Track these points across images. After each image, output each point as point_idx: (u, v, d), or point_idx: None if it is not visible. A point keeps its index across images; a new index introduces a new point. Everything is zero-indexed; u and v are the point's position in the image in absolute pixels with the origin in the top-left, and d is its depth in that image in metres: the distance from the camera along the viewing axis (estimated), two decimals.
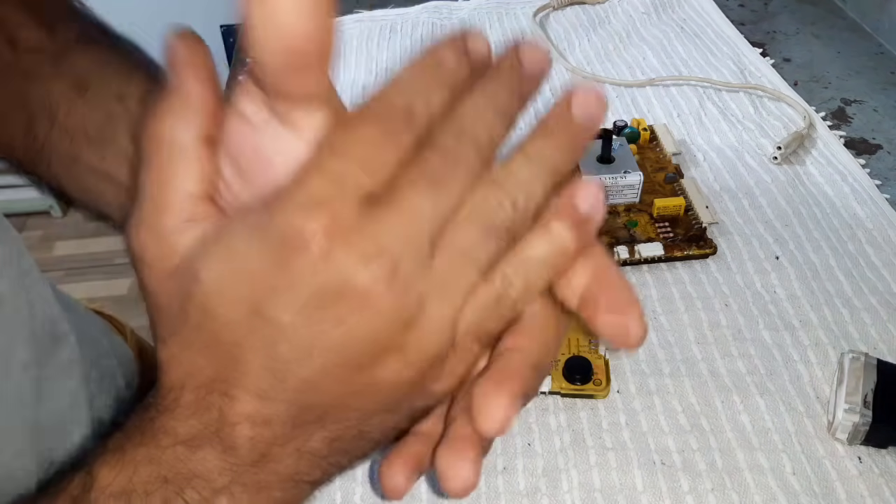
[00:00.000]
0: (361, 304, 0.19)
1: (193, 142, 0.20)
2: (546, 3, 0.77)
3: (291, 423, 0.21)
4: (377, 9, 0.79)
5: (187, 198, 0.20)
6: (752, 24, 0.74)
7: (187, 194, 0.20)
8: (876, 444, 0.36)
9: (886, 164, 0.56)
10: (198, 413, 0.21)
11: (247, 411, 0.20)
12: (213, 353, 0.20)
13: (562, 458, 0.37)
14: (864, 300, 0.44)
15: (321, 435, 0.22)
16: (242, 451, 0.21)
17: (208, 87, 0.20)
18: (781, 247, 0.48)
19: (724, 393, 0.39)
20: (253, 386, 0.20)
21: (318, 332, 0.19)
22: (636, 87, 0.64)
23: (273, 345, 0.19)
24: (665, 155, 0.54)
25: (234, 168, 0.20)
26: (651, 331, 0.43)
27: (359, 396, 0.21)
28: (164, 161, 0.20)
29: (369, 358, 0.20)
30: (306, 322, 0.19)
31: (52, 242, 1.78)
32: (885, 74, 0.66)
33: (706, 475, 0.36)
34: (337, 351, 0.19)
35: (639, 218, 0.49)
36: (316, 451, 0.22)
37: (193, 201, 0.20)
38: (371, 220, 0.18)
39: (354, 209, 0.18)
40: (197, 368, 0.21)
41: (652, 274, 0.47)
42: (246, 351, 0.20)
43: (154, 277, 0.21)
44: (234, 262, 0.19)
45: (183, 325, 0.20)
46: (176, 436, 0.21)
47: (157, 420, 0.21)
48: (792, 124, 0.58)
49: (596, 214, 0.21)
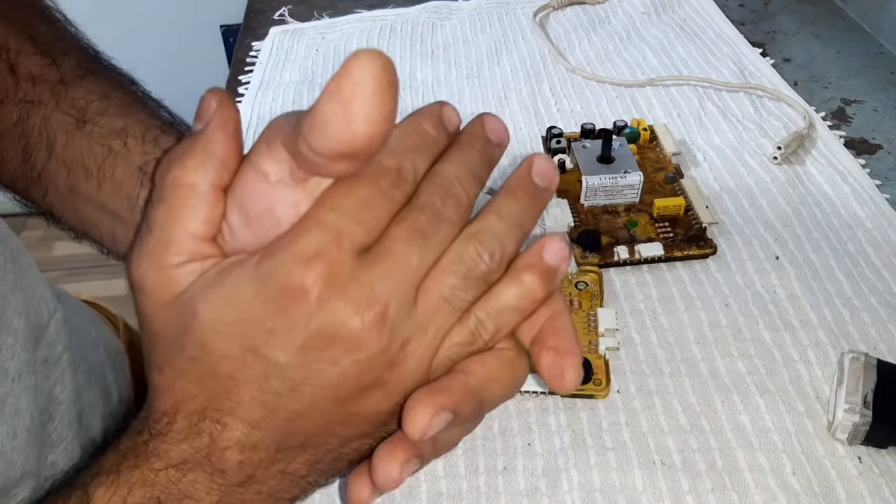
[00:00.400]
0: (354, 347, 0.21)
1: (208, 189, 0.22)
2: (546, 3, 0.77)
3: (276, 447, 0.23)
4: (377, 9, 0.79)
5: (191, 238, 0.22)
6: (752, 24, 0.74)
7: (192, 235, 0.22)
8: (876, 444, 0.36)
9: (886, 164, 0.56)
10: (189, 438, 0.22)
11: (236, 437, 0.22)
12: (207, 384, 0.22)
13: (562, 458, 0.37)
14: (864, 300, 0.44)
15: (303, 458, 0.24)
16: (230, 474, 0.23)
17: (233, 144, 0.22)
18: (781, 247, 0.48)
19: (724, 393, 0.39)
20: (244, 415, 0.22)
21: (312, 371, 0.21)
22: (636, 87, 0.64)
23: (266, 380, 0.21)
24: (665, 155, 0.54)
25: (242, 215, 0.22)
26: (651, 331, 0.43)
27: (342, 425, 0.23)
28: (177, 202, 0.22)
29: (356, 392, 0.22)
30: (302, 362, 0.21)
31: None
32: (885, 74, 0.66)
33: (706, 475, 0.36)
34: (329, 387, 0.21)
35: (639, 218, 0.49)
36: (297, 472, 0.24)
37: (197, 242, 0.22)
38: (364, 270, 0.21)
39: (349, 259, 0.20)
40: (190, 396, 0.22)
41: (652, 274, 0.47)
42: (240, 384, 0.21)
43: (152, 305, 0.22)
44: (234, 303, 0.21)
45: (179, 355, 0.22)
46: (168, 459, 0.22)
47: (151, 443, 0.22)
48: (792, 124, 0.58)
49: (562, 265, 0.23)
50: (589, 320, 0.43)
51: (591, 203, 0.51)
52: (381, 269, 0.21)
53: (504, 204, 0.23)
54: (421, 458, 0.24)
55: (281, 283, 0.20)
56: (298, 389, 0.21)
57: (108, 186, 0.31)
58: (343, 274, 0.20)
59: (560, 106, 0.63)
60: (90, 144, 0.32)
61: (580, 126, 0.56)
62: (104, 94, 0.33)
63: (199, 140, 0.22)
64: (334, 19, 0.78)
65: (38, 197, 0.34)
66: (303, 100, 0.67)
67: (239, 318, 0.21)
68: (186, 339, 0.21)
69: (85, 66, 0.34)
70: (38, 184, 0.33)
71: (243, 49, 0.75)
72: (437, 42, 0.74)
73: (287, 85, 0.69)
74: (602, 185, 0.50)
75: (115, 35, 0.98)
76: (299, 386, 0.21)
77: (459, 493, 0.36)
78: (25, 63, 0.33)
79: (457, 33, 0.75)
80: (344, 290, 0.20)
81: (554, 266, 0.23)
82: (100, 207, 0.32)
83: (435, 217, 0.22)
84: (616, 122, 0.56)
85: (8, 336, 0.34)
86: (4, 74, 0.32)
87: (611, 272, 0.47)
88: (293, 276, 0.20)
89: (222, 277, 0.21)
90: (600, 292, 0.45)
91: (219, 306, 0.21)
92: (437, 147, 0.23)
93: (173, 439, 0.22)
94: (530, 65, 0.69)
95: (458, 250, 0.22)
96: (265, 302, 0.20)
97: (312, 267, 0.20)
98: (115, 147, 0.32)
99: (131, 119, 0.32)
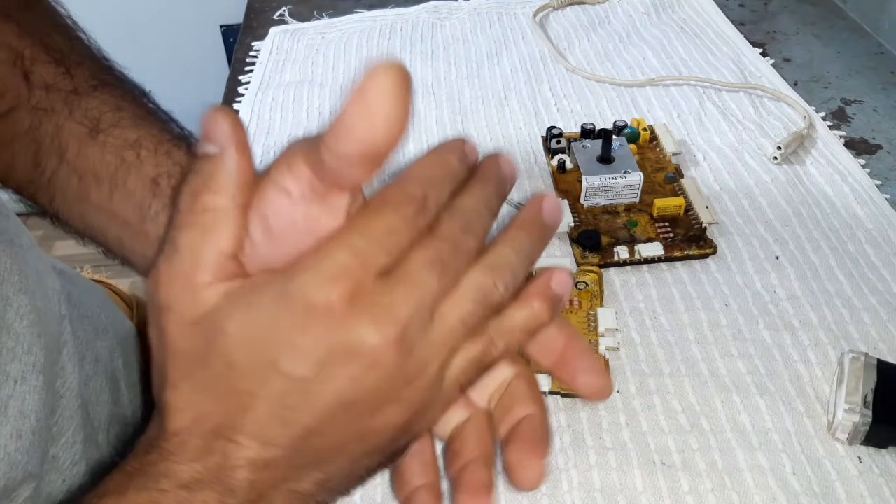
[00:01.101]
0: (373, 363, 0.22)
1: (233, 209, 0.23)
2: (546, 3, 0.77)
3: (288, 465, 0.23)
4: (377, 9, 0.79)
5: (220, 257, 0.23)
6: (752, 24, 0.74)
7: (221, 254, 0.23)
8: (876, 444, 0.36)
9: (886, 164, 0.56)
10: (202, 457, 0.23)
11: (249, 456, 0.23)
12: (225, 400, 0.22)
13: (562, 458, 0.37)
14: (864, 300, 0.44)
15: (314, 477, 0.24)
16: (241, 494, 0.23)
17: (250, 164, 0.23)
18: (781, 247, 0.48)
19: (724, 393, 0.39)
20: (259, 432, 0.22)
21: (331, 387, 0.22)
22: (636, 87, 0.64)
23: (284, 395, 0.22)
24: (665, 155, 0.54)
25: (265, 232, 0.23)
26: (651, 331, 0.43)
27: (355, 441, 0.24)
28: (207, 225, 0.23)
29: (372, 408, 0.23)
30: (321, 377, 0.22)
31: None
32: (885, 74, 0.66)
33: (706, 475, 0.36)
34: (345, 403, 0.22)
35: (639, 218, 0.49)
36: (306, 491, 0.24)
37: (225, 260, 0.23)
38: (386, 292, 0.22)
39: (371, 280, 0.22)
40: (206, 414, 0.23)
41: (652, 274, 0.47)
42: (258, 399, 0.22)
43: (176, 324, 0.23)
44: (260, 319, 0.22)
45: (201, 371, 0.23)
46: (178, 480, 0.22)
47: (160, 464, 0.23)
48: (792, 124, 0.58)
49: (565, 294, 0.26)
50: (589, 320, 0.43)
51: (591, 203, 0.51)
52: (402, 292, 0.22)
53: (518, 238, 0.25)
54: None
55: (307, 300, 0.21)
56: (315, 404, 0.22)
57: (119, 196, 0.32)
58: (366, 294, 0.21)
59: (560, 106, 0.63)
60: (103, 154, 0.33)
61: (580, 126, 0.56)
62: (117, 106, 0.34)
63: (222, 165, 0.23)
64: (334, 19, 0.78)
65: (45, 202, 0.35)
66: (303, 100, 0.67)
67: (264, 334, 0.22)
68: (213, 354, 0.22)
69: (98, 77, 0.34)
70: (46, 189, 0.34)
71: (243, 49, 0.75)
72: (437, 42, 0.74)
73: (287, 85, 0.69)
74: (602, 185, 0.50)
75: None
76: (316, 401, 0.22)
77: None
78: (40, 71, 0.33)
79: (457, 33, 0.75)
80: (367, 310, 0.21)
81: (559, 295, 0.26)
82: (110, 215, 0.33)
83: (455, 247, 0.23)
84: (616, 122, 0.56)
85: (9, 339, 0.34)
86: (18, 81, 0.33)
87: (611, 272, 0.47)
88: (319, 294, 0.21)
89: (249, 295, 0.22)
90: (600, 292, 0.45)
91: (246, 323, 0.22)
92: (458, 179, 0.25)
93: (185, 458, 0.23)
94: (530, 65, 0.69)
95: (477, 280, 0.24)
96: (290, 318, 0.21)
97: (337, 286, 0.21)
98: (128, 158, 0.33)
99: (144, 132, 0.33)
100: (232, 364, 0.22)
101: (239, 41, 0.78)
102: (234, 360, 0.22)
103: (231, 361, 0.22)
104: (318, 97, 0.67)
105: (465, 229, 0.24)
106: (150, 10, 1.44)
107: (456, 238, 0.23)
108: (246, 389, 0.22)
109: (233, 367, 0.22)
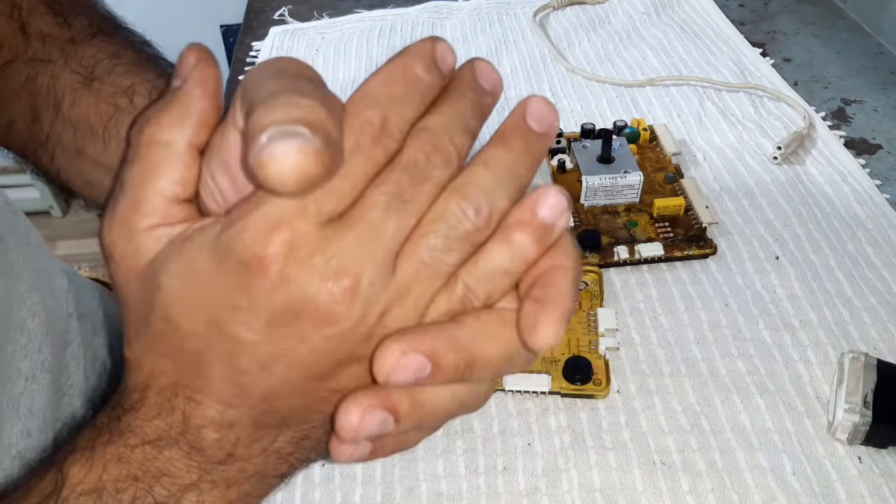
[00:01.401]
0: (324, 321, 0.19)
1: (184, 148, 0.21)
2: (546, 3, 0.77)
3: (255, 426, 0.21)
4: (377, 9, 0.79)
5: (163, 199, 0.20)
6: (752, 24, 0.74)
7: (163, 196, 0.20)
8: (876, 444, 0.36)
9: (886, 164, 0.56)
10: (162, 414, 0.21)
11: (211, 415, 0.21)
12: (175, 360, 0.21)
13: (562, 458, 0.37)
14: (864, 300, 0.44)
15: (287, 436, 0.22)
16: (209, 452, 0.21)
17: (212, 101, 0.21)
18: (781, 247, 0.48)
19: (724, 393, 0.39)
20: (216, 393, 0.21)
21: (281, 349, 0.19)
22: (636, 87, 0.64)
23: (234, 358, 0.20)
24: (665, 155, 0.54)
25: (230, 178, 0.21)
26: (651, 331, 0.43)
27: (323, 401, 0.21)
28: (150, 161, 0.20)
29: (333, 368, 0.20)
30: (268, 340, 0.19)
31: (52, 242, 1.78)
32: (885, 74, 0.66)
33: (706, 475, 0.36)
34: (301, 365, 0.20)
35: (639, 218, 0.49)
36: (282, 450, 0.22)
37: (168, 203, 0.20)
38: (332, 240, 0.19)
39: (314, 228, 0.19)
40: (160, 371, 0.21)
41: (652, 274, 0.47)
42: (208, 361, 0.20)
43: (121, 275, 0.21)
44: (195, 277, 0.19)
45: (146, 329, 0.21)
46: (143, 435, 0.21)
47: (124, 419, 0.22)
48: (792, 124, 0.58)
49: (559, 221, 0.21)
50: (589, 320, 0.43)
51: (591, 203, 0.51)
52: (352, 239, 0.19)
53: (494, 152, 0.21)
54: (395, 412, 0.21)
55: (239, 257, 0.18)
56: (269, 368, 0.20)
57: (114, 146, 0.30)
58: (308, 245, 0.18)
59: (560, 106, 0.63)
60: (97, 103, 0.31)
61: (580, 126, 0.56)
62: (114, 53, 0.32)
63: (177, 97, 0.21)
64: (334, 19, 0.78)
65: (47, 160, 0.33)
66: None
67: (201, 293, 0.19)
68: (152, 313, 0.20)
69: (97, 26, 0.33)
70: (45, 146, 0.32)
71: (243, 49, 0.75)
72: None
73: None
74: (602, 185, 0.50)
75: None
76: (270, 364, 0.20)
77: (459, 493, 0.36)
78: (37, 22, 0.32)
79: (457, 33, 0.75)
80: (308, 263, 0.18)
81: (549, 223, 0.21)
82: (106, 169, 0.31)
83: (419, 176, 0.19)
84: (616, 122, 0.56)
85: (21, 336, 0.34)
86: (15, 33, 0.32)
87: (611, 272, 0.47)
88: (252, 249, 0.18)
89: (185, 247, 0.20)
90: (600, 292, 0.45)
91: (181, 280, 0.20)
92: (429, 94, 0.20)
93: (146, 415, 0.21)
94: (530, 65, 0.69)
95: (439, 207, 0.20)
96: (225, 277, 0.19)
97: (272, 238, 0.18)
98: (122, 105, 0.30)
99: (139, 78, 0.31)
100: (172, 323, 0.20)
101: (239, 41, 0.77)
102: (172, 318, 0.20)
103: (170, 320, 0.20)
104: None
105: (431, 154, 0.19)
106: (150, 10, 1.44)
107: (420, 166, 0.19)
108: (193, 349, 0.20)
109: (174, 326, 0.20)
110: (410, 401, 0.21)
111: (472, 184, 0.20)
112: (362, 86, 0.20)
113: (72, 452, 0.22)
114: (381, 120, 0.19)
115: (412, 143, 0.20)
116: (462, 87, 0.21)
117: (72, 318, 0.40)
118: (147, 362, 0.21)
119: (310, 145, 0.17)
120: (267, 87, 0.19)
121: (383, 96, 0.19)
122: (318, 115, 0.18)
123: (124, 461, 0.21)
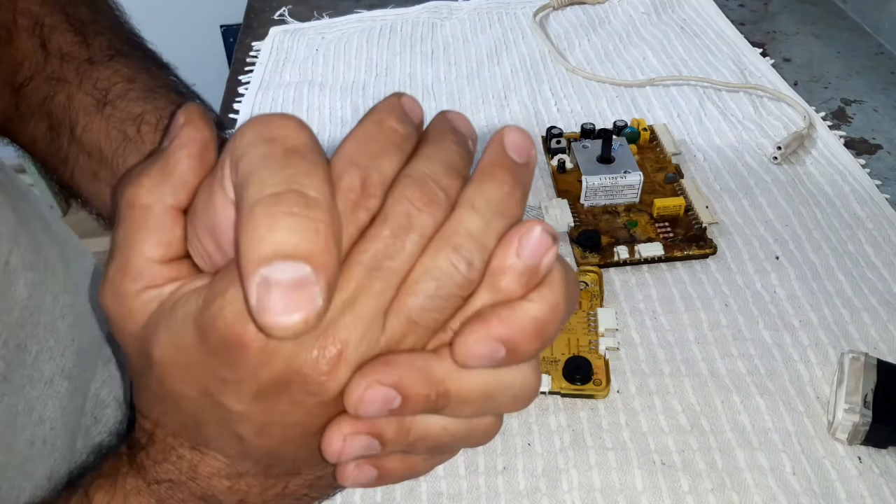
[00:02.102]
0: (313, 391, 0.18)
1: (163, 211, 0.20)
2: (546, 3, 0.77)
3: (265, 475, 0.22)
4: (377, 9, 0.79)
5: (146, 262, 0.20)
6: (752, 24, 0.74)
7: (146, 258, 0.20)
8: (876, 444, 0.36)
9: (886, 164, 0.56)
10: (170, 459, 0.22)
11: (217, 466, 0.21)
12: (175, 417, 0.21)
13: (562, 458, 0.37)
14: (864, 300, 0.44)
15: (299, 481, 0.23)
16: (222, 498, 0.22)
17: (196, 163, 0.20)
18: (781, 247, 0.48)
19: (724, 393, 0.39)
20: (220, 449, 0.21)
21: (274, 416, 0.19)
22: (636, 87, 0.64)
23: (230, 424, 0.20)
24: (665, 155, 0.54)
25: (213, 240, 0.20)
26: (651, 331, 0.43)
27: None
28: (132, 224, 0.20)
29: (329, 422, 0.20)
30: (260, 409, 0.19)
31: None
32: (885, 74, 0.66)
33: (706, 475, 0.36)
34: (297, 425, 0.20)
35: (639, 218, 0.49)
36: (297, 493, 0.23)
37: (152, 265, 0.20)
38: None
39: None
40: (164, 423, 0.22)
41: (652, 274, 0.47)
42: (206, 423, 0.20)
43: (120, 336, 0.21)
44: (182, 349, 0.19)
45: (147, 389, 0.21)
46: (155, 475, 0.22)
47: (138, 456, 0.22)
48: (792, 124, 0.58)
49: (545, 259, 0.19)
50: (589, 320, 0.43)
51: (591, 203, 0.51)
52: (336, 304, 0.18)
53: (479, 192, 0.19)
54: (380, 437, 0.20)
55: (221, 336, 0.18)
56: (266, 431, 0.20)
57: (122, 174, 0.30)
58: None
59: (560, 106, 0.63)
60: (108, 128, 0.30)
61: (580, 126, 0.56)
62: (129, 77, 0.31)
63: (159, 158, 0.20)
64: (334, 19, 0.78)
65: (67, 178, 0.32)
66: (303, 100, 0.67)
67: (191, 364, 0.19)
68: (149, 377, 0.21)
69: (115, 48, 0.32)
70: (65, 165, 0.32)
71: (243, 49, 0.75)
72: (437, 42, 0.74)
73: (287, 85, 0.69)
74: (602, 185, 0.50)
75: None
76: (266, 429, 0.20)
77: (459, 493, 0.36)
78: (57, 39, 0.31)
79: (457, 33, 0.75)
80: None
81: (533, 265, 0.19)
82: None
83: (403, 228, 0.18)
84: (616, 122, 0.56)
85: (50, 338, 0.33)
86: (36, 49, 0.31)
87: (611, 272, 0.47)
88: (233, 328, 0.18)
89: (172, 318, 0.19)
90: (600, 292, 0.45)
91: (170, 353, 0.19)
92: (406, 145, 0.19)
93: (155, 458, 0.22)
94: (530, 65, 0.69)
95: (426, 263, 0.18)
96: (209, 352, 0.19)
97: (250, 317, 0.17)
98: (130, 133, 0.30)
99: (150, 105, 0.30)
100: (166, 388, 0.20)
101: (239, 41, 0.77)
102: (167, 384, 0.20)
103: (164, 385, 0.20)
104: (318, 97, 0.67)
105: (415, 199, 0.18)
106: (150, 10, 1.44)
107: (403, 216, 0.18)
108: (190, 412, 0.20)
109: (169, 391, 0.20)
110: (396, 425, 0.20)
111: (461, 233, 0.19)
112: (339, 150, 0.19)
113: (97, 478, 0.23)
114: (361, 182, 0.18)
115: (394, 192, 0.19)
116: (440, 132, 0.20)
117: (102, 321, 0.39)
118: (153, 412, 0.22)
119: (313, 307, 0.16)
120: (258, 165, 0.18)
121: (361, 156, 0.19)
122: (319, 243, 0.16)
123: (143, 495, 0.22)
